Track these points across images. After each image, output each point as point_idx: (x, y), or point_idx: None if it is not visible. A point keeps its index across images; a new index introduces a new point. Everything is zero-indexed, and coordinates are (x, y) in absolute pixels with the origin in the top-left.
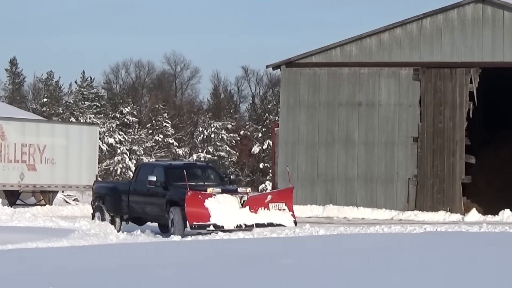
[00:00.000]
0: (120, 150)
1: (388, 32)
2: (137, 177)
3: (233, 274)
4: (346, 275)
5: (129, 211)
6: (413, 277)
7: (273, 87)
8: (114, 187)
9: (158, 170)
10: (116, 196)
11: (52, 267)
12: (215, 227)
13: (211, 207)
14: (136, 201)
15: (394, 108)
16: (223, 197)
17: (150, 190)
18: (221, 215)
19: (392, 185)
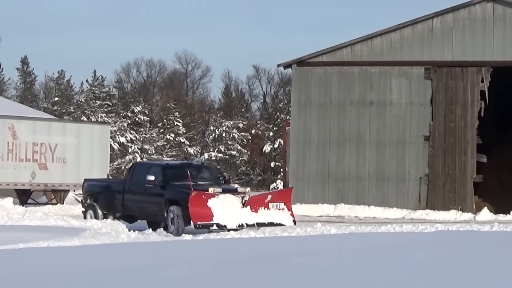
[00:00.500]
0: (131, 149)
1: (399, 31)
2: (132, 176)
3: (245, 274)
4: (357, 274)
5: (123, 209)
6: (424, 276)
7: (285, 86)
8: (108, 185)
9: (156, 169)
10: (110, 195)
11: (63, 266)
12: (218, 226)
13: (214, 207)
14: (132, 199)
15: (405, 107)
16: (225, 197)
17: (148, 189)
18: (223, 214)
19: (404, 184)
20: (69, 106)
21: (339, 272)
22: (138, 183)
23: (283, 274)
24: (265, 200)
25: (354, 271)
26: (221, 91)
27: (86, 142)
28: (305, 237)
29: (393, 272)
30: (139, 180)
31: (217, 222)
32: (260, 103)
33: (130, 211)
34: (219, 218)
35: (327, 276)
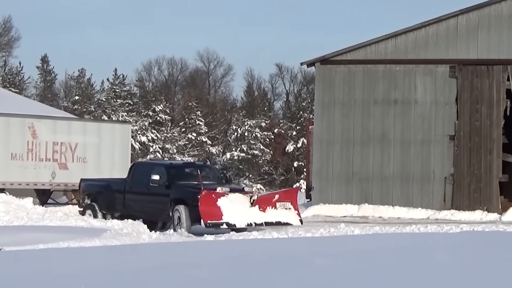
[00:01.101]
0: (152, 148)
1: (424, 29)
2: (133, 175)
3: (267, 275)
4: (381, 275)
5: (124, 209)
6: (449, 278)
7: (308, 84)
8: (108, 185)
9: (159, 169)
10: (109, 194)
11: (83, 267)
12: (227, 225)
13: (223, 206)
14: (134, 199)
15: (430, 106)
16: (234, 196)
17: (151, 189)
18: (232, 213)
19: (428, 184)
20: (89, 105)
21: (363, 274)
22: (140, 182)
23: (306, 275)
24: (272, 200)
25: (378, 272)
26: (243, 89)
27: (107, 141)
28: (328, 238)
29: (418, 273)
30: (141, 180)
31: (226, 221)
32: (283, 102)
33: (131, 211)
34: (228, 217)
35: (350, 277)
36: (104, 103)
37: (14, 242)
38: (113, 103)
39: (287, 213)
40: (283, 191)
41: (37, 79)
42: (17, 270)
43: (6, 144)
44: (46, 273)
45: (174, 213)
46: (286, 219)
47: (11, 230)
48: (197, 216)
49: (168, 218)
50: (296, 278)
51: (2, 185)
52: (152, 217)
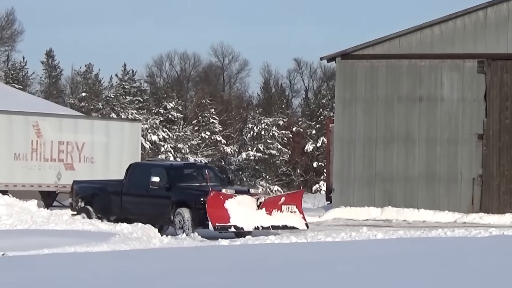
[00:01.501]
0: (164, 148)
1: (450, 22)
2: (130, 177)
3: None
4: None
5: (121, 212)
6: (478, 285)
7: (328, 80)
8: (103, 187)
9: (159, 170)
10: (105, 197)
11: (91, 273)
12: (235, 228)
13: (230, 208)
14: (131, 201)
15: (457, 103)
16: (243, 198)
17: (151, 191)
18: (240, 216)
19: (456, 185)
20: (97, 102)
21: (386, 280)
22: (138, 184)
23: (327, 282)
24: (278, 203)
25: (402, 278)
26: (260, 86)
27: (115, 140)
28: (350, 243)
29: (444, 280)
30: (139, 181)
31: (234, 224)
32: (301, 99)
33: (129, 214)
34: (236, 220)
35: (374, 284)
36: (112, 100)
37: (18, 247)
38: (122, 100)
39: (293, 217)
40: (288, 194)
41: (42, 75)
42: (21, 276)
43: (9, 144)
44: (51, 279)
45: (176, 216)
46: (292, 223)
47: (14, 234)
48: (201, 220)
49: (169, 221)
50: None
51: (5, 186)
52: (152, 220)
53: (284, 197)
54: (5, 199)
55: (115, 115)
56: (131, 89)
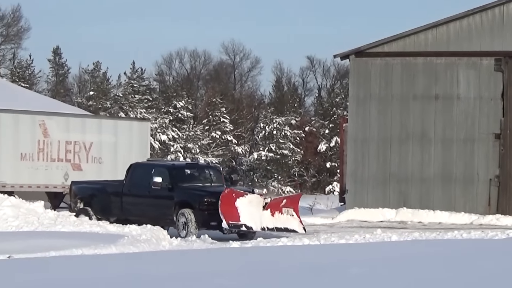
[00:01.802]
0: (173, 148)
1: (467, 19)
2: (131, 178)
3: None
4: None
5: (122, 213)
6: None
7: (341, 78)
8: (102, 188)
9: (161, 170)
10: (105, 198)
11: (99, 276)
12: (246, 227)
13: (241, 207)
14: (132, 202)
15: (474, 101)
16: (253, 197)
17: (153, 191)
18: (249, 215)
19: (472, 186)
20: (105, 101)
21: (401, 283)
22: (139, 184)
23: (340, 284)
24: (280, 205)
25: (417, 281)
26: (271, 84)
27: (124, 140)
28: (364, 245)
29: (460, 282)
30: (140, 182)
31: (245, 223)
32: (314, 98)
33: (129, 215)
34: (245, 219)
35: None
36: (121, 99)
37: (24, 249)
38: (131, 99)
39: (293, 220)
40: (288, 197)
41: (49, 73)
42: (27, 279)
43: (15, 144)
44: (58, 282)
45: (179, 217)
46: (292, 226)
47: (20, 236)
48: (205, 220)
49: (171, 222)
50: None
51: (11, 187)
52: (153, 221)
53: (285, 199)
54: (11, 200)
55: (123, 114)
56: (140, 87)
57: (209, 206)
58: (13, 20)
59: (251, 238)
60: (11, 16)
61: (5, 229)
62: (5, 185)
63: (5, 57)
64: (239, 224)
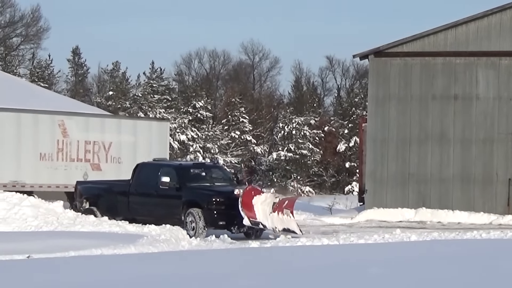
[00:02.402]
0: (192, 148)
1: (486, 18)
2: (138, 177)
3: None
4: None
5: (129, 212)
6: None
7: (361, 78)
8: (109, 188)
9: (168, 170)
10: (111, 197)
11: (118, 276)
12: (262, 225)
13: (256, 205)
14: (139, 202)
15: (493, 101)
16: (268, 196)
17: (160, 191)
18: (262, 214)
19: (491, 186)
20: (124, 101)
21: (420, 283)
22: (146, 184)
23: (359, 284)
24: (283, 205)
25: (436, 281)
26: (291, 84)
27: (143, 140)
28: (383, 245)
29: (479, 283)
30: (147, 182)
31: (260, 221)
32: (333, 98)
33: (136, 214)
34: (260, 217)
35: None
36: (140, 99)
37: (43, 249)
38: (150, 99)
39: (291, 221)
40: (287, 198)
41: (68, 73)
42: (47, 279)
43: (34, 143)
44: (77, 282)
45: (187, 216)
46: (292, 227)
47: (40, 236)
48: (213, 220)
49: (179, 222)
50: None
51: (31, 187)
52: (160, 221)
53: (287, 200)
54: (31, 200)
55: (142, 114)
56: (159, 87)
57: (218, 206)
58: (33, 20)
59: (256, 237)
60: (30, 16)
61: (25, 229)
62: (25, 185)
63: (25, 57)
64: (257, 222)
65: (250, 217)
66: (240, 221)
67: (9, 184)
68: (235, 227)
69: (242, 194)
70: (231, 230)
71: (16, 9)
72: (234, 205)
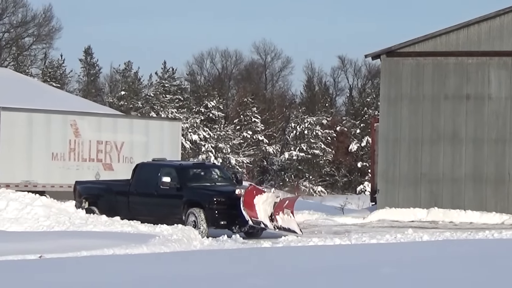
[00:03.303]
0: (204, 147)
1: (499, 18)
2: (138, 177)
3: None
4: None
5: (129, 212)
6: None
7: (373, 78)
8: (108, 188)
9: (168, 170)
10: (111, 197)
11: (131, 276)
12: (263, 225)
13: (258, 204)
14: (140, 202)
15: (505, 101)
16: (269, 196)
17: (160, 191)
18: (264, 213)
19: (503, 186)
20: (136, 101)
21: (432, 283)
22: (146, 184)
23: (371, 284)
24: (283, 205)
25: (448, 281)
26: (303, 84)
27: (155, 140)
28: (395, 245)
29: (491, 283)
30: (147, 181)
31: (262, 221)
32: (345, 98)
33: (136, 214)
34: (261, 217)
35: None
36: (152, 99)
37: (56, 249)
38: (162, 98)
39: (291, 221)
40: (288, 198)
41: (80, 73)
42: (59, 279)
43: (46, 143)
44: (89, 282)
45: (188, 216)
46: (293, 227)
47: (52, 236)
48: (215, 219)
49: (180, 221)
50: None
51: (43, 187)
52: (161, 220)
53: (287, 200)
54: (43, 200)
55: (154, 114)
56: (171, 87)
57: (219, 205)
58: (45, 20)
59: (257, 237)
60: (42, 16)
61: (37, 228)
62: (37, 185)
63: (37, 57)
64: (259, 221)
65: (252, 216)
66: (241, 221)
67: (21, 184)
68: (236, 226)
69: (244, 193)
70: (232, 230)
71: (28, 9)
72: (235, 205)
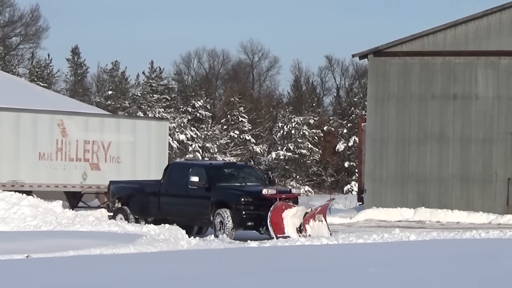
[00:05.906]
0: (192, 147)
1: (486, 18)
2: (169, 177)
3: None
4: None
5: (159, 213)
6: None
7: (360, 78)
8: (140, 188)
9: (198, 170)
10: (143, 198)
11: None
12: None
13: (286, 218)
14: (170, 202)
15: (492, 101)
16: (299, 210)
17: (190, 191)
18: (292, 226)
19: (490, 185)
20: (123, 101)
21: (419, 282)
22: (176, 184)
23: (358, 284)
24: (315, 213)
25: (435, 281)
26: (290, 84)
27: (142, 140)
28: (382, 244)
29: (478, 282)
30: (177, 182)
31: (289, 235)
32: (333, 97)
33: (167, 215)
34: (289, 230)
35: (406, 286)
36: (139, 99)
37: (42, 249)
38: (149, 98)
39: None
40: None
41: (67, 73)
42: (46, 279)
43: (33, 143)
44: (77, 282)
45: (215, 217)
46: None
47: (39, 236)
48: (242, 220)
49: (208, 222)
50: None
51: (29, 187)
52: (191, 221)
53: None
54: (30, 199)
55: (142, 114)
56: (158, 87)
57: (246, 206)
58: (32, 19)
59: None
60: (29, 15)
61: (24, 228)
62: (24, 185)
63: (24, 57)
64: (285, 236)
65: (278, 233)
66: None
67: (8, 184)
68: (263, 227)
69: (271, 210)
70: (259, 231)
71: (15, 9)
72: (263, 206)
